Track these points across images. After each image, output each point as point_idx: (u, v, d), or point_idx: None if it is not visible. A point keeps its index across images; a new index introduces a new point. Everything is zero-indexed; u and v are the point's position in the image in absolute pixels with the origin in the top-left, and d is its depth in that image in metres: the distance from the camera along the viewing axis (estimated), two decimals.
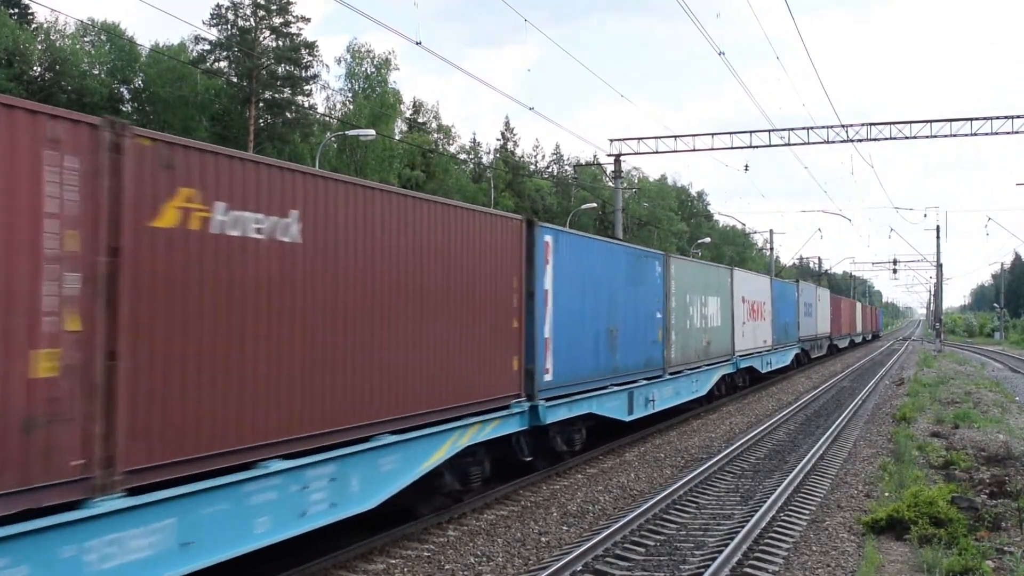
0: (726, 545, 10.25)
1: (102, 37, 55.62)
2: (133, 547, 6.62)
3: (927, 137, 34.32)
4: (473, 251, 11.80)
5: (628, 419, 17.52)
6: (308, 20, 58.00)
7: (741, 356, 27.69)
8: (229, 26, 53.75)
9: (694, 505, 13.05)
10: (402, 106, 65.01)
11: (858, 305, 78.64)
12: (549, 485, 14.51)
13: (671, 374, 20.51)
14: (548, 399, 13.79)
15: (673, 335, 20.63)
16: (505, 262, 12.65)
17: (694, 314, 22.52)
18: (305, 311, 8.57)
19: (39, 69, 50.25)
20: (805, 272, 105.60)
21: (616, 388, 16.89)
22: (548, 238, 14.16)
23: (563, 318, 14.44)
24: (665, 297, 20.14)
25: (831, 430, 20.28)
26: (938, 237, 59.10)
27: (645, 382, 18.55)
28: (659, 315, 19.64)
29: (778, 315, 34.27)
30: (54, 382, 6.18)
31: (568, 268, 14.76)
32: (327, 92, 66.05)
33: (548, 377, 13.90)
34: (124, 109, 52.89)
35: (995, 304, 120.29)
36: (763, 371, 31.67)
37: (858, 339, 75.76)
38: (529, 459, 13.78)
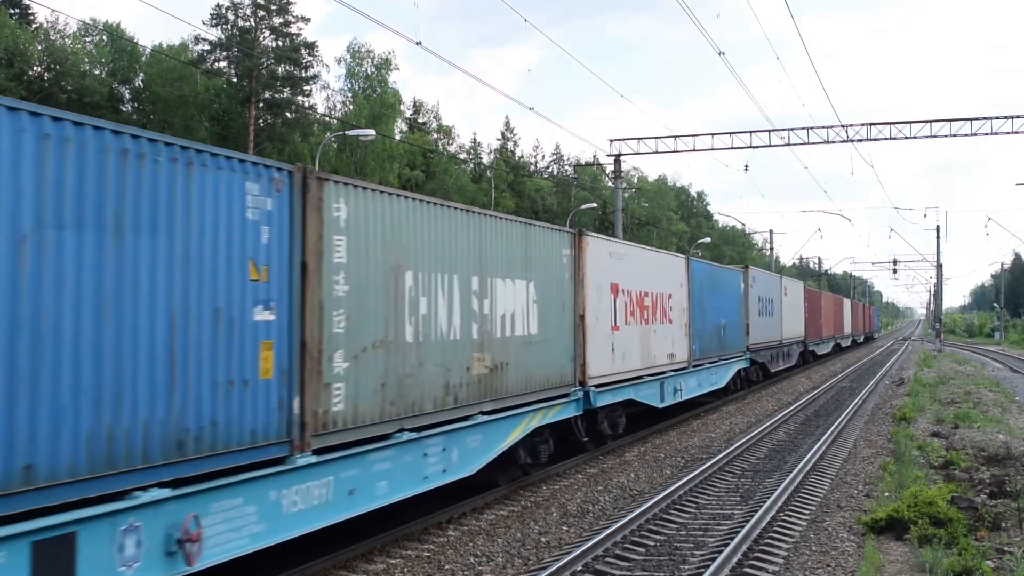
0: (726, 545, 10.25)
1: (103, 37, 55.64)
2: None
3: (927, 137, 34.39)
4: None
5: None
6: (308, 20, 58.05)
7: (603, 387, 16.22)
8: (229, 26, 53.76)
9: (694, 505, 13.05)
10: (402, 106, 65.01)
11: (846, 302, 66.53)
12: (549, 485, 14.51)
13: (322, 453, 8.88)
14: None
15: (338, 363, 9.21)
16: None
17: (433, 312, 11.05)
18: None
19: (39, 69, 50.26)
20: (805, 272, 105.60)
21: None
22: None
23: None
24: (289, 272, 8.65)
25: (831, 430, 20.28)
26: (938, 237, 59.20)
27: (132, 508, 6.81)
28: (263, 314, 8.25)
29: (705, 314, 23.69)
30: None
31: None
32: (327, 92, 66.14)
33: None
34: (124, 109, 52.93)
35: (995, 304, 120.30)
36: (662, 405, 19.83)
37: (846, 342, 64.58)
38: None
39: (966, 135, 33.96)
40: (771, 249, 70.17)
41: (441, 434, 11.03)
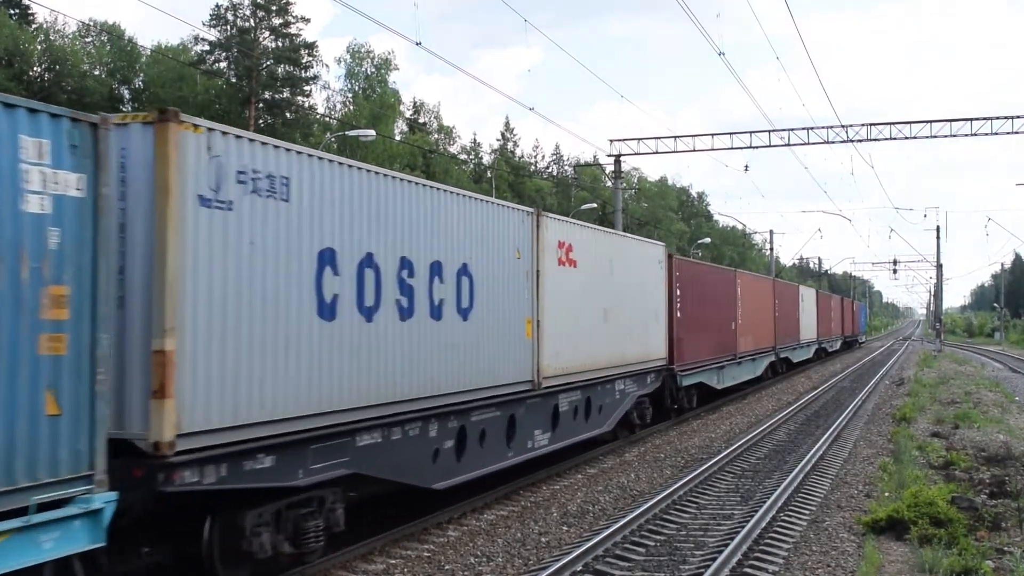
0: (726, 545, 10.25)
1: (102, 37, 55.68)
2: None
3: (927, 137, 34.44)
4: None
5: None
6: (308, 20, 58.20)
7: None
8: (229, 27, 53.79)
9: (694, 505, 13.05)
10: (402, 107, 65.02)
11: (804, 292, 43.86)
12: (549, 485, 14.52)
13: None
14: None
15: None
16: None
17: None
18: None
19: (39, 69, 50.30)
20: (806, 272, 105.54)
21: None
22: None
23: None
24: None
25: (831, 430, 20.27)
26: (938, 237, 59.26)
27: None
28: None
29: None
30: None
31: None
32: (327, 92, 66.12)
33: None
34: (124, 109, 52.95)
35: (995, 304, 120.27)
36: None
37: (804, 355, 42.54)
38: None
39: (966, 135, 34.00)
40: (771, 249, 70.06)
41: None
